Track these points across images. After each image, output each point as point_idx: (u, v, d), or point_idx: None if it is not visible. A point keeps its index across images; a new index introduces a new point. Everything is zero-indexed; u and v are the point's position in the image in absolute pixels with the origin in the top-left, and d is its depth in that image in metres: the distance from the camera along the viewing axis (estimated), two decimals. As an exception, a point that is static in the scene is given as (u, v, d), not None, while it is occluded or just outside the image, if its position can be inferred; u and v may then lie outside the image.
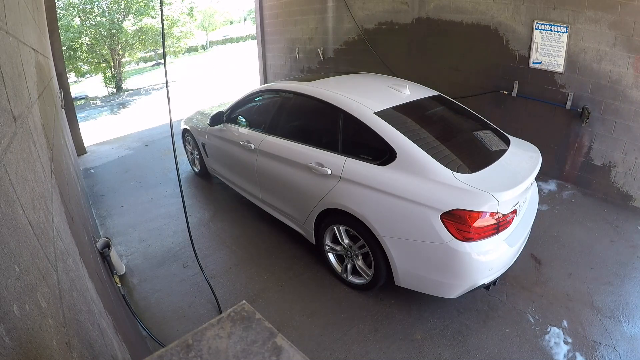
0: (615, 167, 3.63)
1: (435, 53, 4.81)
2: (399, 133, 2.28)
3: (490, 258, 2.05)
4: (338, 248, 2.64)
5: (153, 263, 3.03)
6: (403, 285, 2.31)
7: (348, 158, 2.42)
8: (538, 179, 3.02)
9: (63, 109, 4.15)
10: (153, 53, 24.81)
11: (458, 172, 2.11)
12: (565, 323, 2.31)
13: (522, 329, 2.27)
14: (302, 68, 7.21)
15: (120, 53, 16.92)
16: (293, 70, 7.44)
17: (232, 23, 43.89)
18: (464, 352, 2.14)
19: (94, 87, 17.30)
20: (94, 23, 15.53)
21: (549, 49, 3.75)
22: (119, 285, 2.44)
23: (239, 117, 3.48)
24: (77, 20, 15.36)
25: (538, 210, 2.71)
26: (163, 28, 2.29)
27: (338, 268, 2.70)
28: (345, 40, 6.10)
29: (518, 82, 4.07)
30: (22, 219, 0.74)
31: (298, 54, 7.14)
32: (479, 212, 1.95)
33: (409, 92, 2.78)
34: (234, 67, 18.47)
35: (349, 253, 2.57)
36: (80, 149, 5.56)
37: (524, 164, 2.37)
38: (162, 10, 2.52)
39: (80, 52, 15.55)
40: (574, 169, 3.95)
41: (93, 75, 18.37)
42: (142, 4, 16.30)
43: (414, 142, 2.23)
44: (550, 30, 3.68)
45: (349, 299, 2.55)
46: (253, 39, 24.41)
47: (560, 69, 3.73)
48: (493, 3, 4.08)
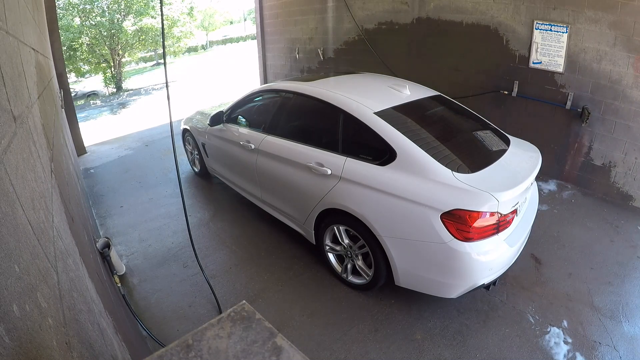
0: (615, 167, 3.63)
1: (435, 53, 4.81)
2: (399, 133, 2.28)
3: (490, 258, 2.05)
4: (338, 248, 2.64)
5: (153, 263, 3.03)
6: (403, 285, 2.31)
7: (348, 158, 2.42)
8: (538, 179, 3.02)
9: (63, 109, 4.15)
10: (153, 53, 24.80)
11: (458, 172, 2.11)
12: (565, 323, 2.31)
13: (522, 329, 2.27)
14: (302, 68, 7.21)
15: (120, 53, 16.91)
16: (293, 70, 7.43)
17: (232, 23, 43.82)
18: (464, 352, 2.14)
19: (94, 87, 17.26)
20: (94, 23, 15.52)
21: (549, 49, 3.74)
22: (119, 285, 2.44)
23: (239, 117, 3.48)
24: (77, 20, 15.34)
25: (538, 210, 2.71)
26: (163, 28, 2.29)
27: (338, 268, 2.70)
28: (345, 40, 6.10)
29: (518, 82, 4.07)
30: (22, 219, 0.74)
31: (298, 54, 7.14)
32: (479, 212, 1.95)
33: (409, 92, 2.78)
34: (234, 67, 18.46)
35: (349, 253, 2.57)
36: (80, 149, 5.56)
37: (524, 164, 2.37)
38: (162, 10, 2.52)
39: (80, 52, 15.53)
40: (574, 169, 3.95)
41: (93, 75, 18.35)
42: (142, 4, 16.29)
43: (414, 142, 2.24)
44: (550, 30, 3.68)
45: (349, 299, 2.55)
46: (253, 39, 24.40)
47: (560, 69, 3.73)
48: (493, 3, 4.08)
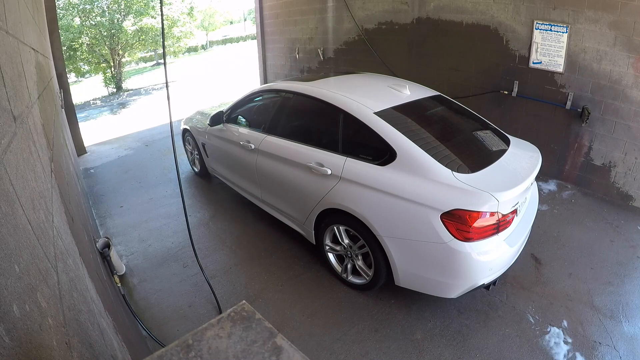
0: (615, 167, 3.63)
1: (435, 53, 4.81)
2: (399, 133, 2.28)
3: (490, 258, 2.05)
4: (338, 248, 2.64)
5: (153, 263, 3.03)
6: (403, 285, 2.31)
7: (348, 158, 2.42)
8: (538, 179, 3.02)
9: (63, 109, 4.15)
10: (153, 53, 24.77)
11: (458, 172, 2.11)
12: (565, 323, 2.31)
13: (522, 329, 2.27)
14: (302, 68, 7.21)
15: (120, 53, 16.89)
16: (293, 70, 7.43)
17: (232, 23, 43.80)
18: (464, 352, 2.14)
19: (94, 87, 17.27)
20: (94, 23, 15.50)
21: (549, 49, 3.74)
22: (119, 285, 2.44)
23: (239, 117, 3.48)
24: (77, 20, 15.33)
25: (538, 210, 2.71)
26: (163, 28, 2.29)
27: (338, 268, 2.70)
28: (345, 40, 6.10)
29: (518, 82, 4.07)
30: (22, 219, 0.74)
31: (298, 54, 7.14)
32: (479, 212, 1.95)
33: (409, 92, 2.78)
34: (234, 67, 18.45)
35: (349, 253, 2.57)
36: (80, 149, 5.56)
37: (524, 164, 2.37)
38: (162, 10, 2.52)
39: (80, 52, 15.51)
40: (574, 169, 3.95)
41: (93, 75, 18.33)
42: (142, 4, 16.28)
43: (414, 142, 2.24)
44: (550, 30, 3.68)
45: (349, 299, 2.55)
46: (253, 39, 24.41)
47: (560, 69, 3.73)
48: (493, 3, 4.08)
